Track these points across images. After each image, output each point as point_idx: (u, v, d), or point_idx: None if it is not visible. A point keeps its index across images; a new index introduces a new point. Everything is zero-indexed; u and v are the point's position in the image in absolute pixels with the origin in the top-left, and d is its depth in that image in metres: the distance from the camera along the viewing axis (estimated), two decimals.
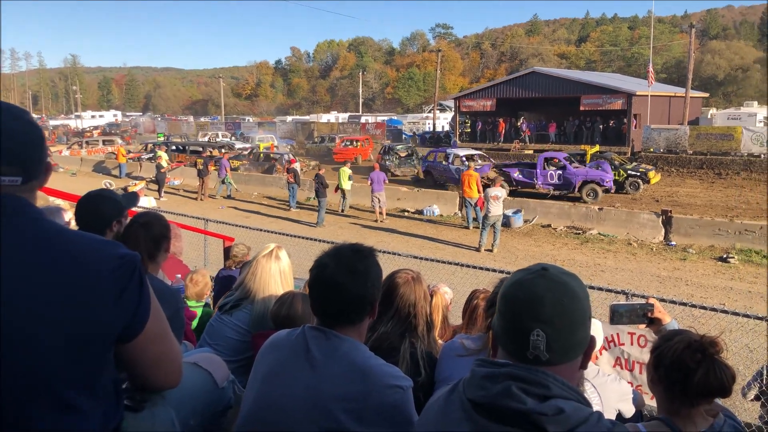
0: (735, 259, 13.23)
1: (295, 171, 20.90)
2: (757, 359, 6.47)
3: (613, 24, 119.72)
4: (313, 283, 1.87)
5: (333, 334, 1.84)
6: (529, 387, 1.25)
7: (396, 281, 2.65)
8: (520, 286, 1.33)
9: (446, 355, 2.66)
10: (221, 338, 3.06)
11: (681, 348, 2.00)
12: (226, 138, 45.15)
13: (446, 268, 8.24)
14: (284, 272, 3.13)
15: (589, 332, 1.34)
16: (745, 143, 29.98)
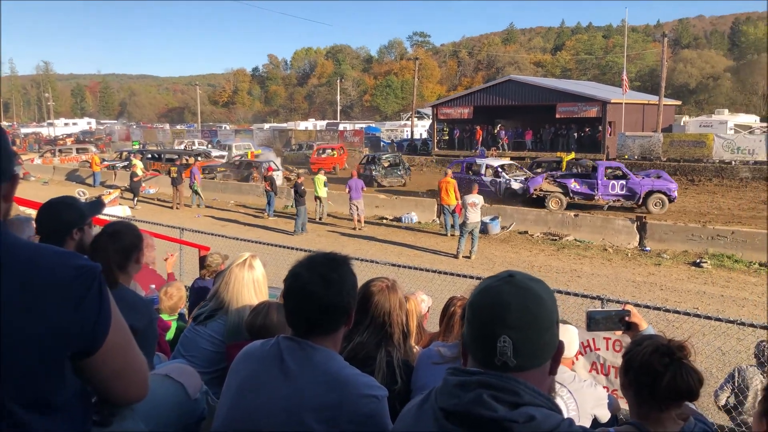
0: (708, 263, 13.44)
1: (272, 179, 20.80)
2: (729, 362, 6.59)
3: (588, 33, 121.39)
4: (287, 293, 1.85)
5: (307, 344, 1.82)
6: (500, 394, 1.26)
7: (371, 290, 2.64)
8: (486, 293, 1.34)
9: (423, 363, 2.65)
10: (196, 349, 3.02)
11: (649, 352, 2.02)
12: (203, 146, 44.82)
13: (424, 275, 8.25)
14: (258, 281, 3.10)
15: (556, 337, 1.35)
16: (717, 150, 30.58)
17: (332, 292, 1.81)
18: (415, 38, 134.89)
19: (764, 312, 10.24)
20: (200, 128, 66.84)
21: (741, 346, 6.42)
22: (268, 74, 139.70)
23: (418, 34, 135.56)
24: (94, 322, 1.34)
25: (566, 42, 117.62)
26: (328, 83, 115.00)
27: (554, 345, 1.34)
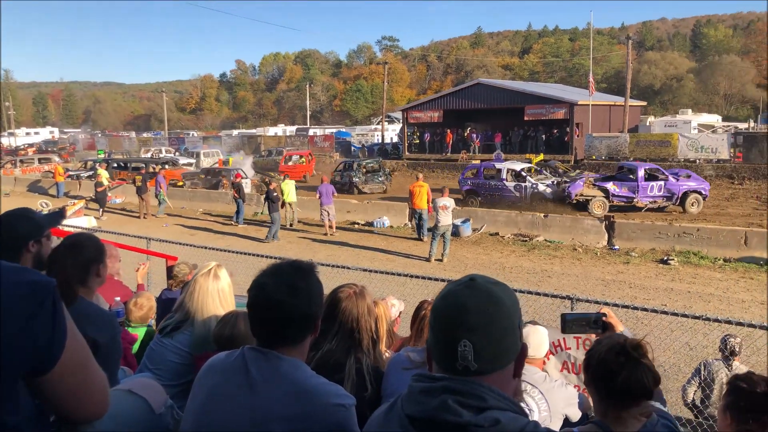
0: (675, 261, 13.69)
1: (239, 186, 20.60)
2: (696, 356, 6.70)
3: (555, 36, 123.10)
4: (252, 304, 1.82)
5: (273, 355, 1.80)
6: (465, 399, 1.26)
7: (339, 297, 2.62)
8: (447, 297, 1.34)
9: (392, 369, 2.64)
10: (162, 362, 2.97)
11: (605, 351, 2.04)
12: (170, 154, 44.26)
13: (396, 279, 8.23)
14: (223, 291, 3.05)
15: (518, 340, 1.34)
16: (682, 149, 31.26)
17: (298, 301, 1.79)
18: (384, 42, 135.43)
19: (729, 307, 10.47)
20: (167, 136, 65.95)
21: (707, 341, 6.54)
22: (236, 80, 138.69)
23: (387, 39, 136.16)
24: (48, 340, 1.29)
25: (533, 45, 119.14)
26: (297, 88, 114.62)
27: (516, 348, 1.34)
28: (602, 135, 35.30)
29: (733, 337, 5.19)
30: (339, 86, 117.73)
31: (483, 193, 23.08)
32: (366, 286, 2.80)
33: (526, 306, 6.96)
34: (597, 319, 2.43)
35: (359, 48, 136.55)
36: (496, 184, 22.66)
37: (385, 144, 48.74)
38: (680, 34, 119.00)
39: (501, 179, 22.68)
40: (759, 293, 11.28)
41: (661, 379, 2.03)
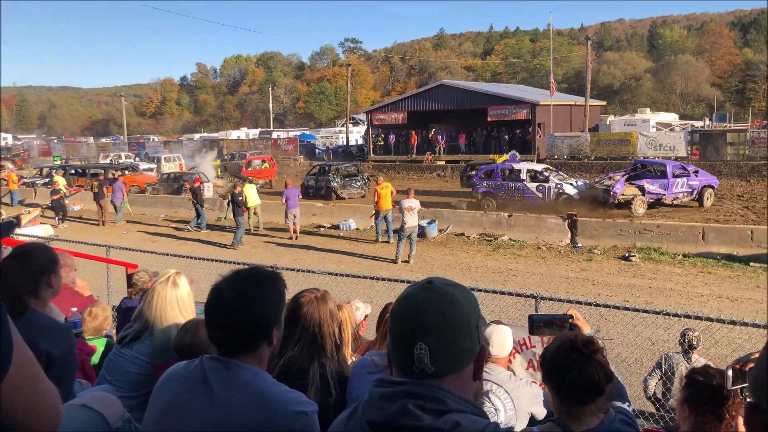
0: (636, 257, 13.96)
1: (195, 191, 20.27)
2: (658, 350, 6.83)
3: (516, 37, 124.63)
4: (208, 309, 1.81)
5: (233, 363, 1.77)
6: (426, 403, 1.25)
7: (299, 302, 2.59)
8: (405, 301, 1.34)
9: (357, 373, 2.62)
10: (121, 373, 2.90)
11: (556, 347, 2.05)
12: (130, 159, 43.41)
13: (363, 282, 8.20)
14: (182, 299, 2.99)
15: (476, 342, 1.34)
16: (641, 147, 32.00)
17: (251, 309, 1.77)
18: (347, 44, 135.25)
19: (689, 301, 10.72)
20: (127, 141, 64.68)
21: (668, 335, 6.68)
22: (196, 83, 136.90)
23: (350, 40, 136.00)
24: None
25: (495, 46, 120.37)
26: (260, 91, 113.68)
27: (474, 350, 1.34)
28: (564, 135, 35.92)
29: (692, 330, 5.31)
30: (302, 88, 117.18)
31: (501, 195, 22.05)
32: (329, 290, 2.78)
33: (492, 305, 7.01)
34: (564, 321, 2.44)
35: (322, 50, 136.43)
36: (515, 185, 21.69)
37: (350, 146, 48.69)
38: (637, 34, 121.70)
39: (521, 180, 21.76)
40: (716, 287, 11.58)
41: (613, 376, 2.05)
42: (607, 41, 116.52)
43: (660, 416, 5.08)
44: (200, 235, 19.19)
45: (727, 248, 13.87)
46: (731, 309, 10.02)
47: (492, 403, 3.02)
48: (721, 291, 11.30)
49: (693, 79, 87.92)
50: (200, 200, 19.95)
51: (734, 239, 14.04)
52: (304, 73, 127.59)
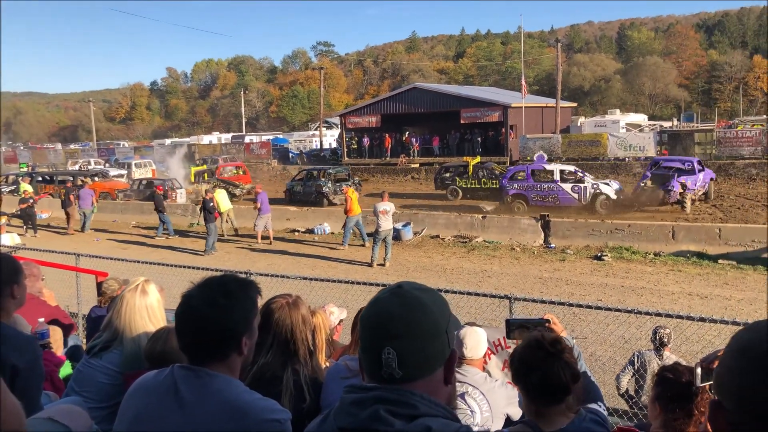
0: (608, 256, 14.14)
1: (156, 198, 19.98)
2: (631, 348, 6.91)
3: (487, 40, 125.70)
4: (179, 317, 1.80)
5: (204, 372, 1.75)
6: (397, 408, 1.25)
7: (271, 308, 2.57)
8: (373, 305, 1.35)
9: (331, 379, 2.60)
10: (91, 384, 2.84)
11: (523, 347, 2.05)
12: (100, 165, 42.70)
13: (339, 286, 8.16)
14: (152, 307, 2.93)
15: (445, 346, 1.34)
16: (611, 148, 32.47)
17: (220, 317, 1.75)
18: (319, 48, 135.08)
19: (660, 299, 10.89)
20: (96, 147, 63.65)
21: (641, 333, 6.77)
22: (167, 88, 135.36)
23: (322, 44, 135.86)
24: None
25: (467, 49, 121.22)
26: (232, 95, 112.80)
27: (444, 354, 1.33)
28: (536, 136, 36.27)
29: (663, 328, 5.38)
30: (275, 92, 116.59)
31: (533, 197, 21.40)
32: (304, 295, 2.76)
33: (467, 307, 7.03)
34: (539, 324, 2.45)
35: (294, 53, 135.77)
36: (549, 186, 21.04)
37: (324, 150, 48.55)
38: (606, 36, 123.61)
39: (554, 181, 21.19)
40: (686, 285, 11.78)
41: (581, 375, 2.05)
42: (576, 43, 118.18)
43: (633, 413, 5.14)
44: (173, 242, 18.95)
45: (697, 246, 14.13)
46: (701, 306, 10.21)
47: (468, 405, 3.03)
48: (692, 288, 11.50)
49: (661, 80, 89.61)
50: (161, 207, 19.54)
51: (703, 237, 14.31)
52: (277, 77, 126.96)
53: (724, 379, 1.00)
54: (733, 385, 0.97)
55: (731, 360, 0.99)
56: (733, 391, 0.97)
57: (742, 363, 0.97)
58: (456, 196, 25.89)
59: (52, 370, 3.72)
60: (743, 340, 1.00)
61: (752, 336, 0.99)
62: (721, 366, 1.02)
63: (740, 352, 0.99)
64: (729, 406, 0.98)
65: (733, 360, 0.99)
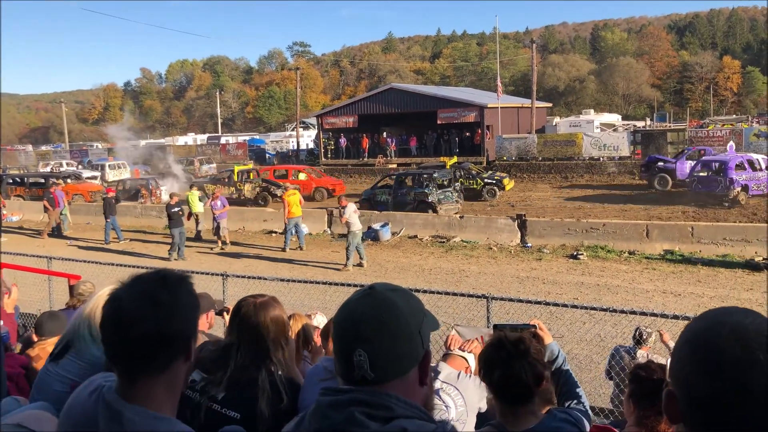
0: (584, 255, 14.29)
1: (107, 200, 19.66)
2: (607, 347, 6.98)
3: (463, 41, 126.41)
4: (105, 322, 1.47)
5: (120, 412, 1.43)
6: (373, 411, 1.25)
7: (241, 309, 2.55)
8: (345, 308, 1.34)
9: (310, 382, 2.58)
10: (48, 392, 2.71)
11: (486, 346, 2.05)
12: (72, 167, 42.01)
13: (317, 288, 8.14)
14: None
15: (418, 346, 1.33)
16: (586, 148, 32.81)
17: (161, 317, 1.43)
18: (295, 48, 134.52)
19: (635, 297, 11.04)
20: (68, 148, 62.63)
21: (616, 331, 6.84)
22: (141, 88, 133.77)
23: (299, 44, 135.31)
24: None
25: (443, 50, 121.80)
26: (207, 96, 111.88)
27: (416, 355, 1.33)
28: (512, 136, 36.54)
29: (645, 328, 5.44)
30: (251, 93, 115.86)
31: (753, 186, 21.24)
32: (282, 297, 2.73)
33: (445, 306, 7.06)
34: (525, 330, 2.46)
35: (270, 54, 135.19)
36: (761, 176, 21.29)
37: (300, 150, 48.36)
38: (580, 37, 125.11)
39: (762, 169, 21.48)
40: (660, 283, 11.95)
41: (544, 376, 2.03)
42: (551, 44, 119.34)
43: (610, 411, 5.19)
44: (136, 247, 18.66)
45: (670, 244, 14.34)
46: (675, 304, 10.36)
47: (443, 401, 3.04)
48: (665, 286, 11.67)
49: (634, 80, 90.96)
50: (108, 211, 19.02)
51: (676, 236, 14.53)
52: (253, 78, 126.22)
53: (674, 368, 1.02)
54: (681, 373, 0.99)
55: (680, 350, 1.02)
56: (680, 379, 0.99)
57: (687, 352, 1.00)
58: None
59: (18, 372, 3.61)
60: (691, 330, 1.02)
61: (699, 326, 1.01)
62: (672, 354, 1.05)
63: (687, 342, 1.01)
64: (678, 394, 1.00)
65: (681, 350, 1.01)
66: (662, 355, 5.33)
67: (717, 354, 0.95)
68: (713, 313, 1.03)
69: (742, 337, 0.94)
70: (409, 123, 42.13)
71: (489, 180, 25.97)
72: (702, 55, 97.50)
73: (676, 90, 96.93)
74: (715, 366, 0.94)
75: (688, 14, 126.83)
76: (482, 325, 5.39)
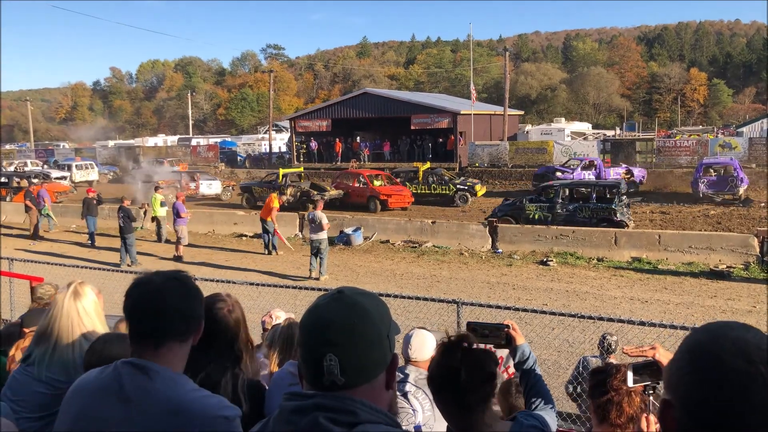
0: (554, 261, 14.44)
1: (87, 201, 19.30)
2: (575, 352, 7.06)
3: (437, 47, 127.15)
4: (136, 299, 1.76)
5: (149, 368, 1.69)
6: (337, 416, 1.23)
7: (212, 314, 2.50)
8: (313, 312, 1.32)
9: (276, 387, 2.57)
10: (26, 393, 2.68)
11: (436, 353, 2.02)
12: (37, 166, 41.10)
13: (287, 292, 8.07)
14: (87, 310, 2.79)
15: (387, 351, 1.33)
16: (557, 156, 33.27)
17: (187, 295, 1.80)
18: (269, 51, 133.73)
19: (603, 303, 11.18)
20: (34, 147, 61.30)
21: (584, 337, 6.89)
22: (111, 88, 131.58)
23: (272, 47, 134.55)
24: None
25: (417, 56, 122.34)
26: (178, 97, 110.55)
27: (386, 359, 1.32)
28: (484, 143, 36.88)
29: (611, 335, 5.50)
30: (223, 95, 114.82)
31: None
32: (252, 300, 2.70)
33: (416, 311, 7.05)
34: (498, 330, 2.45)
35: (243, 56, 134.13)
36: None
37: (273, 153, 48.07)
38: (553, 46, 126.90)
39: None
40: (628, 290, 12.13)
41: (495, 375, 1.95)
42: (524, 52, 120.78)
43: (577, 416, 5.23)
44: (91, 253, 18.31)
45: (638, 252, 14.58)
46: (642, 310, 10.52)
47: (410, 404, 3.03)
48: (633, 293, 11.85)
49: (604, 90, 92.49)
50: (90, 210, 18.67)
51: (644, 243, 14.78)
52: (225, 79, 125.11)
53: (672, 378, 1.03)
54: (680, 383, 1.00)
55: (680, 360, 1.03)
56: (679, 389, 1.01)
57: (686, 362, 1.01)
58: None
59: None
60: (692, 341, 1.04)
61: (700, 337, 1.03)
62: (670, 364, 1.05)
63: (688, 352, 1.03)
64: (675, 404, 1.01)
65: (681, 360, 1.03)
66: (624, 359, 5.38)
67: (719, 365, 0.96)
68: (714, 326, 1.04)
69: (744, 350, 0.96)
70: (383, 128, 42.22)
71: (461, 186, 26.15)
72: (670, 67, 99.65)
73: (645, 100, 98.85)
74: (717, 377, 0.96)
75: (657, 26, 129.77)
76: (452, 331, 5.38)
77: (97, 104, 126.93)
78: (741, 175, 23.16)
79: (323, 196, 24.10)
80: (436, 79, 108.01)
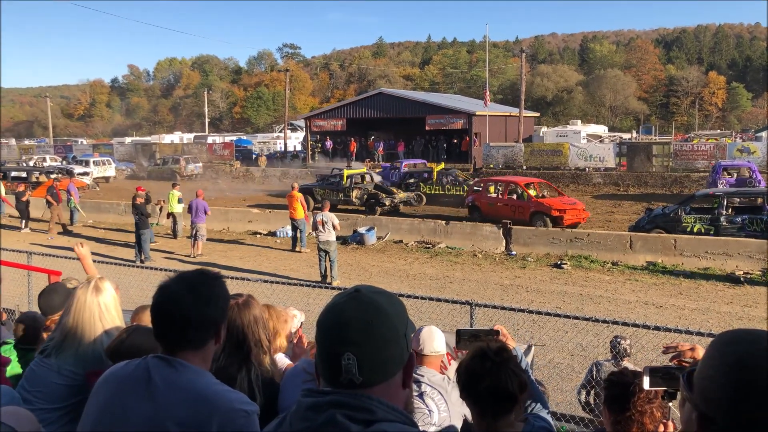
0: (568, 265, 14.36)
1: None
2: (588, 356, 7.02)
3: (453, 48, 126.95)
4: (154, 306, 1.85)
5: (177, 362, 1.80)
6: (354, 413, 1.24)
7: None
8: (331, 311, 1.33)
9: (289, 383, 2.59)
10: (43, 384, 2.74)
11: (469, 358, 2.04)
12: (56, 162, 41.55)
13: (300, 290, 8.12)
14: (107, 305, 2.84)
15: (404, 349, 1.33)
16: (572, 158, 33.07)
17: (200, 303, 1.83)
18: (285, 50, 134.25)
19: (617, 308, 11.11)
20: (53, 143, 62.00)
21: (598, 341, 6.86)
22: (128, 85, 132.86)
23: (288, 46, 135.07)
24: None
25: (433, 56, 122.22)
26: (195, 95, 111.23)
27: (403, 357, 1.33)
28: (499, 144, 36.73)
29: (623, 338, 5.44)
30: (239, 93, 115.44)
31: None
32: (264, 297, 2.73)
33: (429, 312, 7.05)
34: (488, 335, 2.47)
35: (260, 55, 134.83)
36: None
37: (288, 152, 48.25)
38: (569, 48, 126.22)
39: None
40: (642, 294, 12.04)
41: (527, 384, 2.04)
42: (540, 54, 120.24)
43: (590, 420, 5.21)
44: None
45: (653, 256, 14.45)
46: (656, 315, 10.44)
47: (426, 405, 3.04)
48: (647, 298, 11.76)
49: (621, 92, 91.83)
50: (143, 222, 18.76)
51: (659, 248, 14.65)
52: (241, 78, 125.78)
53: (714, 393, 1.00)
54: (726, 398, 0.98)
55: (721, 374, 1.00)
56: (722, 405, 0.98)
57: (730, 377, 0.98)
58: (420, 202, 26.00)
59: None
60: (737, 354, 1.00)
61: (747, 349, 1.00)
62: (708, 379, 1.02)
63: (727, 365, 1.00)
64: (719, 418, 0.98)
65: (722, 374, 0.99)
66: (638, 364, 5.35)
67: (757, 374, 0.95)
68: (748, 337, 1.02)
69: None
70: (398, 128, 42.24)
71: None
72: (688, 70, 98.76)
73: (663, 103, 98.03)
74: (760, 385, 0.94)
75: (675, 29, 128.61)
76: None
77: (114, 101, 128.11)
78: (759, 177, 22.97)
79: (393, 199, 23.20)
80: (452, 80, 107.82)
